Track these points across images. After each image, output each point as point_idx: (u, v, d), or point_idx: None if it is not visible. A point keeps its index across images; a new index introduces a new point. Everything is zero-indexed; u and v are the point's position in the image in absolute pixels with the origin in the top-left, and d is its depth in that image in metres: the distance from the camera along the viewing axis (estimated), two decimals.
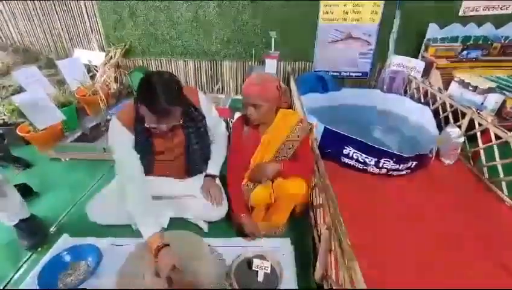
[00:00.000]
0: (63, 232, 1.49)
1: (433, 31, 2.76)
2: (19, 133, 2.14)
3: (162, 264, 1.10)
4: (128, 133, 1.28)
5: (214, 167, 1.58)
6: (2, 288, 1.24)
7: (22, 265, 1.34)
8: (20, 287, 1.21)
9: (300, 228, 1.52)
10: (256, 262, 1.20)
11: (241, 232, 1.43)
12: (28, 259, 1.38)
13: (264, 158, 1.42)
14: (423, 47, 2.85)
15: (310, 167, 1.43)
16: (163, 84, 1.11)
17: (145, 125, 1.23)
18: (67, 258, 1.33)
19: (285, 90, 1.39)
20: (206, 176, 1.57)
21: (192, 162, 1.49)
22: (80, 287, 1.21)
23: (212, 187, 1.52)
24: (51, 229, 1.55)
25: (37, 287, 1.18)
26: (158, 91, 1.09)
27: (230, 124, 2.34)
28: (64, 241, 1.43)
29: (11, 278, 1.28)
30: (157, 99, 1.09)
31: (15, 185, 1.73)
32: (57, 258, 1.31)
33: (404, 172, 1.98)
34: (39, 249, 1.42)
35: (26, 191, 1.77)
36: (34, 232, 1.45)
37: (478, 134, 1.97)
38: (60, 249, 1.37)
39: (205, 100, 1.46)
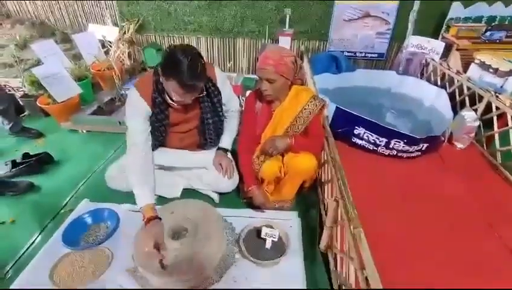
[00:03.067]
0: (82, 198, 1.58)
1: (456, 10, 2.63)
2: (39, 105, 2.22)
3: (146, 235, 1.15)
4: (145, 104, 1.31)
5: (226, 141, 1.62)
6: (28, 246, 1.34)
7: (45, 226, 1.45)
8: (46, 245, 1.31)
9: (308, 202, 1.57)
10: (264, 230, 1.26)
11: (251, 204, 1.48)
12: (51, 221, 1.48)
13: (275, 133, 1.45)
14: (444, 27, 2.73)
15: (320, 143, 1.44)
16: (190, 59, 1.11)
17: (169, 100, 1.27)
18: (89, 220, 1.43)
19: (301, 65, 1.38)
20: (218, 149, 1.61)
21: (206, 136, 1.53)
22: (100, 246, 1.30)
23: (224, 160, 1.56)
24: (72, 194, 1.65)
25: (62, 244, 1.28)
26: (187, 66, 1.10)
27: (242, 102, 2.36)
28: (85, 206, 1.53)
29: (36, 238, 1.39)
30: (185, 75, 1.11)
31: (37, 154, 1.85)
32: (79, 220, 1.42)
33: (414, 154, 1.98)
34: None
35: (47, 160, 1.88)
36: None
37: (494, 118, 1.92)
38: (81, 212, 1.46)
39: (221, 75, 1.47)
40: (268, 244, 1.26)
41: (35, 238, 1.39)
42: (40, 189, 1.70)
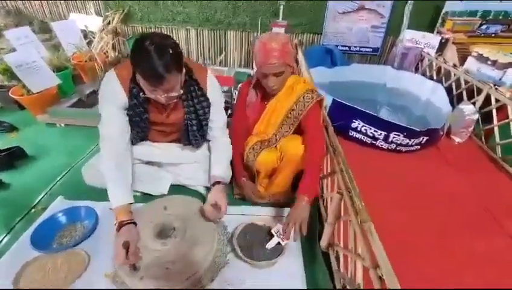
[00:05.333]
0: (57, 195, 1.43)
1: (451, 4, 2.60)
2: (12, 96, 2.03)
3: (118, 245, 0.99)
4: (122, 91, 1.15)
5: (220, 170, 1.31)
6: None
7: (14, 225, 1.29)
8: (12, 248, 1.15)
9: None
10: (277, 227, 1.14)
11: (243, 198, 1.37)
12: (21, 219, 1.32)
13: (268, 130, 1.33)
14: (440, 21, 2.70)
15: (320, 147, 1.24)
16: (157, 47, 0.96)
17: (143, 95, 1.11)
18: (63, 219, 1.28)
19: (296, 46, 1.27)
20: (215, 183, 1.27)
21: (189, 138, 1.36)
22: (76, 248, 1.16)
23: (223, 200, 1.21)
24: (46, 191, 1.49)
25: (31, 247, 1.13)
26: (152, 55, 0.95)
27: (234, 95, 2.24)
28: (60, 203, 1.38)
29: (3, 238, 1.23)
30: (150, 65, 0.95)
31: (8, 148, 1.68)
32: (52, 219, 1.26)
33: (413, 148, 1.91)
34: None
35: (19, 154, 1.71)
36: None
37: (494, 111, 1.88)
38: (55, 210, 1.31)
39: (213, 83, 1.27)
40: (273, 244, 1.14)
41: (1, 240, 1.22)
42: (9, 186, 1.52)
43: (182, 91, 1.13)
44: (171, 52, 0.98)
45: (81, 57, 2.57)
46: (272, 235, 1.14)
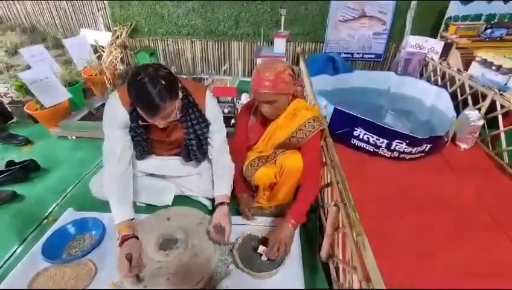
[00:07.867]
0: (68, 207, 1.49)
1: (454, 8, 2.59)
2: (27, 111, 2.14)
3: (121, 258, 1.04)
4: (124, 113, 1.18)
5: (224, 190, 1.34)
6: (6, 260, 1.25)
7: (27, 237, 1.35)
8: (24, 259, 1.21)
9: None
10: (262, 248, 1.17)
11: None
12: (33, 231, 1.39)
13: (267, 149, 1.35)
14: (443, 26, 2.68)
15: (314, 178, 1.27)
16: (151, 79, 0.99)
17: (142, 123, 1.17)
18: (72, 230, 1.33)
19: (298, 73, 1.25)
20: (219, 204, 1.29)
21: (190, 156, 1.40)
22: (84, 259, 1.21)
23: (227, 222, 1.23)
24: (57, 203, 1.56)
25: (42, 257, 1.18)
26: (147, 88, 0.98)
27: (237, 105, 2.29)
28: (70, 215, 1.44)
29: (15, 250, 1.29)
30: (147, 97, 0.99)
31: (22, 161, 1.76)
32: (62, 230, 1.32)
33: (417, 155, 1.90)
34: None
35: (33, 167, 1.79)
36: None
37: (499, 116, 1.85)
38: (65, 222, 1.37)
39: (212, 105, 1.29)
40: (264, 257, 1.16)
41: (14, 251, 1.29)
42: (23, 198, 1.60)
43: (179, 115, 1.16)
44: (163, 82, 1.01)
45: (91, 71, 2.67)
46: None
